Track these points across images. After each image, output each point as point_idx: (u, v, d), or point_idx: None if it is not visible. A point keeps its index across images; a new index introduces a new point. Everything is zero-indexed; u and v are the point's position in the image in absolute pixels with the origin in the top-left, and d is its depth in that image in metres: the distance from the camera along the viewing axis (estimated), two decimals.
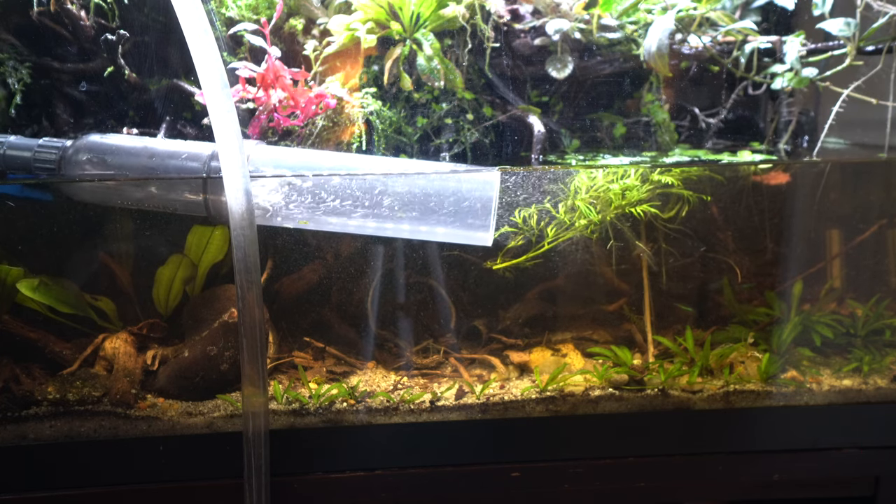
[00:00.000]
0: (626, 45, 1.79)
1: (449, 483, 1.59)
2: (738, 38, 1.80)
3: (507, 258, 1.69)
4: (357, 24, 1.67)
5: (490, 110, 1.76)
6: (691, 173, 1.70)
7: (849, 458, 1.64)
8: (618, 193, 1.62)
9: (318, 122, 1.68)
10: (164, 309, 1.75)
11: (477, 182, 1.44)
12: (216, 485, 1.53)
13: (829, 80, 1.76)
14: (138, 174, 1.48)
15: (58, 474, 1.52)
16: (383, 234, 1.49)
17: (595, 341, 1.88)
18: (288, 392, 1.60)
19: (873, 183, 1.95)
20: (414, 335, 1.83)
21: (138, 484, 1.53)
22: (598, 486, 1.61)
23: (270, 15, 1.66)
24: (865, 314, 1.85)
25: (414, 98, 1.71)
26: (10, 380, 1.59)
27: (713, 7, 1.74)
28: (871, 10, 1.67)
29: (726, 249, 1.85)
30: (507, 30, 1.75)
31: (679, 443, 1.64)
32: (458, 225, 1.44)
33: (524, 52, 1.75)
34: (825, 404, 1.65)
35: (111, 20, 1.67)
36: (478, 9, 1.69)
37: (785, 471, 1.62)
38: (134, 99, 1.72)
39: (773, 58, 1.81)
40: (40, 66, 1.66)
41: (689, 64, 1.88)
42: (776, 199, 1.85)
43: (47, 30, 1.63)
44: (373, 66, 1.73)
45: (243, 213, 1.34)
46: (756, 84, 1.83)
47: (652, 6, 1.78)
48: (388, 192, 1.44)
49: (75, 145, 1.49)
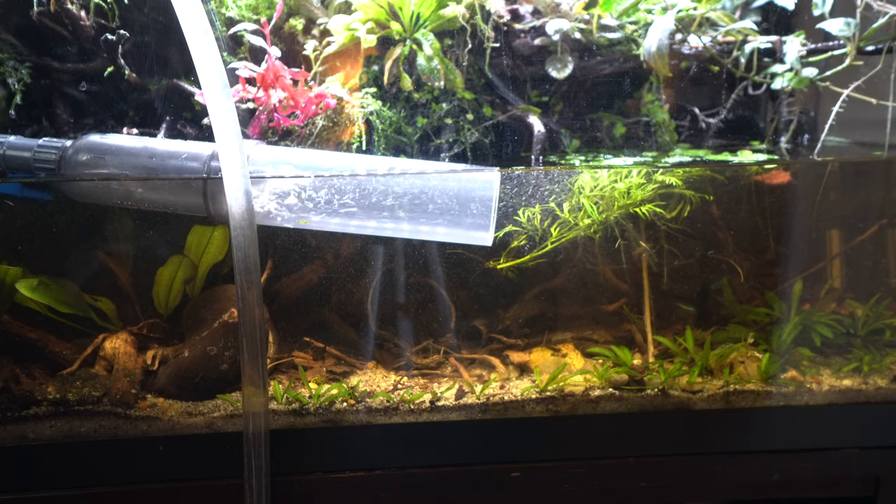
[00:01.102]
0: (626, 45, 1.79)
1: (449, 483, 1.59)
2: (738, 38, 1.80)
3: (509, 258, 1.69)
4: (357, 24, 1.67)
5: (490, 110, 1.76)
6: (693, 173, 1.70)
7: (849, 458, 1.64)
8: (623, 192, 1.62)
9: (318, 122, 1.68)
10: (164, 309, 1.75)
11: (477, 182, 1.44)
12: (216, 485, 1.53)
13: (829, 80, 1.76)
14: (138, 174, 1.48)
15: (58, 474, 1.52)
16: (383, 234, 1.49)
17: (595, 341, 1.88)
18: (288, 392, 1.60)
19: (874, 181, 1.95)
20: (414, 335, 1.84)
21: (138, 484, 1.53)
22: (598, 486, 1.61)
23: (270, 15, 1.66)
24: (865, 314, 1.85)
25: (414, 98, 1.71)
26: (10, 380, 1.59)
27: (713, 7, 1.74)
28: (871, 10, 1.67)
29: (727, 249, 1.85)
30: (507, 30, 1.75)
31: (679, 443, 1.64)
32: (458, 225, 1.44)
33: (524, 52, 1.75)
34: (825, 404, 1.65)
35: (111, 20, 1.67)
36: (478, 9, 1.69)
37: (785, 471, 1.62)
38: (134, 99, 1.72)
39: (773, 58, 1.81)
40: (40, 66, 1.66)
41: (689, 64, 1.88)
42: (778, 199, 1.85)
43: (47, 30, 1.63)
44: (373, 66, 1.73)
45: (243, 212, 1.34)
46: (756, 84, 1.83)
47: (652, 6, 1.78)
48: (389, 192, 1.44)
49: (75, 145, 1.49)
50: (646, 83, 1.85)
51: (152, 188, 1.50)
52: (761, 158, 1.78)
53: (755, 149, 1.86)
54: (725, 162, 1.76)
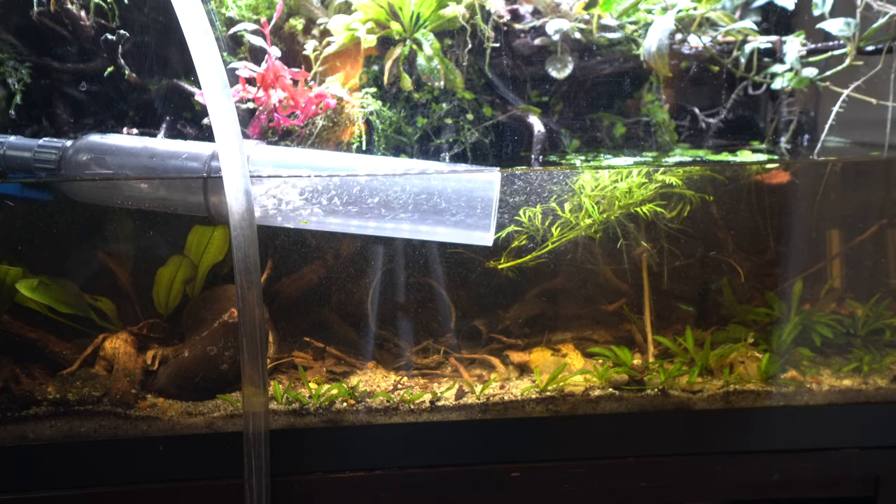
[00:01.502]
0: (626, 45, 1.79)
1: (449, 483, 1.59)
2: (738, 38, 1.80)
3: (510, 258, 1.70)
4: (357, 24, 1.67)
5: (490, 110, 1.76)
6: (693, 173, 1.70)
7: (849, 458, 1.64)
8: (624, 192, 1.62)
9: (318, 122, 1.68)
10: (164, 309, 1.75)
11: (477, 182, 1.44)
12: (216, 485, 1.53)
13: (829, 80, 1.76)
14: (139, 174, 1.48)
15: (58, 474, 1.52)
16: (384, 234, 1.49)
17: (595, 341, 1.88)
18: (288, 392, 1.60)
19: (874, 181, 1.95)
20: (414, 335, 1.84)
21: (138, 484, 1.53)
22: (598, 486, 1.61)
23: (270, 15, 1.66)
24: (865, 314, 1.85)
25: (414, 98, 1.71)
26: (10, 380, 1.59)
27: (713, 7, 1.74)
28: (871, 10, 1.67)
29: (727, 249, 1.85)
30: (507, 30, 1.75)
31: (679, 443, 1.64)
32: (458, 225, 1.44)
33: (524, 52, 1.75)
34: (825, 404, 1.65)
35: (111, 20, 1.67)
36: (478, 9, 1.69)
37: (785, 471, 1.62)
38: (134, 99, 1.72)
39: (773, 58, 1.81)
40: (40, 66, 1.66)
41: (689, 64, 1.88)
42: (778, 198, 1.85)
43: (47, 30, 1.63)
44: (373, 66, 1.73)
45: (243, 212, 1.34)
46: (756, 84, 1.83)
47: (652, 6, 1.78)
48: (389, 192, 1.44)
49: (75, 145, 1.49)
50: (646, 83, 1.85)
51: (153, 188, 1.50)
52: (762, 158, 1.78)
53: (755, 149, 1.86)
54: (726, 162, 1.76)
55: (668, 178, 1.64)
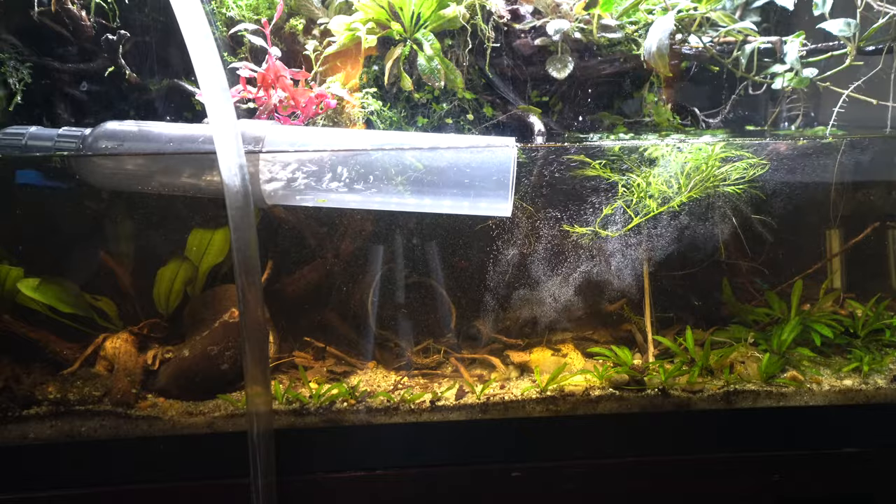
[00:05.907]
0: (627, 45, 1.79)
1: (449, 483, 1.59)
2: (739, 39, 1.80)
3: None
4: (358, 25, 1.67)
5: (490, 110, 1.76)
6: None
7: (849, 458, 1.64)
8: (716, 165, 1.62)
9: (318, 122, 1.69)
10: (164, 309, 1.75)
11: (495, 154, 1.47)
12: (216, 485, 1.53)
13: (829, 80, 1.76)
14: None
15: (58, 474, 1.52)
16: (405, 209, 1.51)
17: (595, 341, 1.88)
18: (288, 392, 1.60)
19: None
20: (414, 335, 1.84)
21: (138, 484, 1.53)
22: (598, 486, 1.61)
23: (271, 15, 1.66)
24: (865, 314, 1.85)
25: (414, 98, 1.71)
26: (10, 379, 1.59)
27: (713, 7, 1.73)
28: (871, 10, 1.68)
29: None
30: (507, 30, 1.75)
31: (679, 443, 1.64)
32: (478, 196, 1.47)
33: (524, 52, 1.75)
34: (825, 404, 1.65)
35: (112, 20, 1.67)
36: (478, 9, 1.69)
37: (785, 471, 1.62)
38: (134, 99, 1.72)
39: (773, 58, 1.81)
40: (41, 66, 1.66)
41: (690, 64, 1.88)
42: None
43: (48, 30, 1.64)
44: (373, 67, 1.73)
45: (244, 213, 1.34)
46: (756, 84, 1.83)
47: (652, 6, 1.78)
48: (409, 167, 1.46)
49: (94, 133, 1.49)
50: (646, 83, 1.85)
51: (171, 172, 1.51)
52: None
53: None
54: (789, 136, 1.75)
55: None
